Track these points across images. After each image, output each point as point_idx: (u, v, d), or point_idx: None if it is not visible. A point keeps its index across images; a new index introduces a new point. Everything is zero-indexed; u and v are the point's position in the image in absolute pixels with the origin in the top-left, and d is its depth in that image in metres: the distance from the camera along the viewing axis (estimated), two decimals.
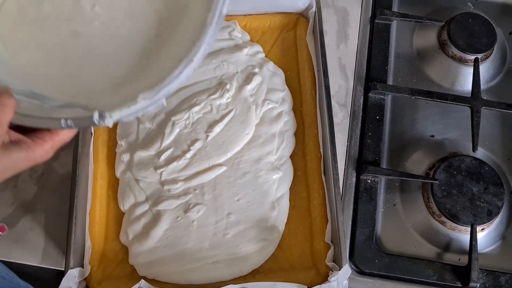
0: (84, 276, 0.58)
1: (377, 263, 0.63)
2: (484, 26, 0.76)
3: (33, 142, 0.42)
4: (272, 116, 0.66)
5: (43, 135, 0.42)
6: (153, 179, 0.62)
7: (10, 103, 0.40)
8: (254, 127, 0.65)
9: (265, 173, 0.62)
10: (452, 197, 0.65)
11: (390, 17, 0.77)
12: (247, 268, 0.58)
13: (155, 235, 0.59)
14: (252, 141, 0.64)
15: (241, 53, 0.68)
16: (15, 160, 0.41)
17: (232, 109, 0.65)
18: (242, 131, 0.64)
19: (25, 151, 0.41)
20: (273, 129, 0.65)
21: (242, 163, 0.63)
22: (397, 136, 0.72)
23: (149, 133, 0.65)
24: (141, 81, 0.46)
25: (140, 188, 0.62)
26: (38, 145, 0.42)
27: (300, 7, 0.71)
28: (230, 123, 0.64)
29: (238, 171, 0.62)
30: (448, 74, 0.76)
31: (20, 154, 0.41)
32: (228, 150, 0.63)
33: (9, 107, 0.40)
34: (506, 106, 0.71)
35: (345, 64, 0.74)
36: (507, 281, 0.62)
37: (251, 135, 0.64)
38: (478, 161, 0.67)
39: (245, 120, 0.65)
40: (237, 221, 0.60)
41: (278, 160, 0.63)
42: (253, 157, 0.63)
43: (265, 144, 0.64)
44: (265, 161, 0.63)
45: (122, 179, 0.63)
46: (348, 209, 0.66)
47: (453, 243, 0.66)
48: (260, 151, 0.63)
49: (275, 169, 0.63)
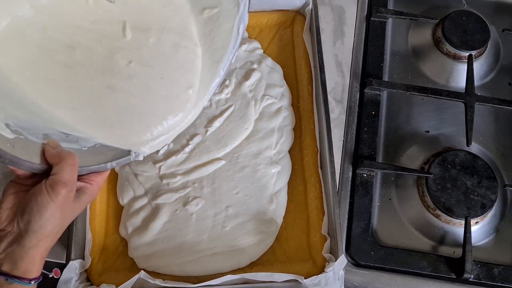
0: (85, 268, 0.59)
1: (373, 255, 0.64)
2: (478, 23, 0.77)
3: (90, 185, 0.50)
4: (271, 111, 0.66)
5: (95, 177, 0.50)
6: (152, 173, 0.63)
7: (76, 162, 0.47)
8: (253, 122, 0.65)
9: (264, 167, 0.63)
10: (447, 191, 0.66)
11: (386, 15, 0.78)
12: (245, 260, 0.59)
13: (154, 228, 0.60)
14: (251, 136, 0.65)
15: (240, 49, 0.69)
16: (83, 205, 0.49)
17: (231, 104, 0.66)
18: (241, 126, 0.65)
19: (88, 195, 0.50)
20: (272, 124, 0.66)
21: (241, 157, 0.64)
22: (392, 131, 0.73)
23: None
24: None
25: (138, 182, 0.63)
26: (94, 186, 0.50)
27: (297, 4, 0.73)
28: (229, 118, 0.65)
29: (237, 165, 0.63)
30: (443, 70, 0.77)
31: (86, 199, 0.49)
32: (227, 145, 0.64)
33: (76, 165, 0.47)
34: (499, 102, 0.72)
35: (341, 61, 0.76)
36: (500, 273, 0.63)
37: (250, 130, 0.65)
38: (472, 156, 0.68)
39: (244, 115, 0.66)
40: (236, 214, 0.61)
41: (277, 155, 0.64)
42: (252, 151, 0.64)
43: (264, 139, 0.65)
44: (264, 155, 0.64)
45: (120, 173, 0.64)
46: (345, 202, 0.67)
47: (447, 236, 0.67)
48: (259, 145, 0.64)
49: (273, 163, 0.63)
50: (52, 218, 0.45)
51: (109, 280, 0.58)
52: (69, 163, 0.46)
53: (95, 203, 0.62)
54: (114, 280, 0.57)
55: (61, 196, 0.45)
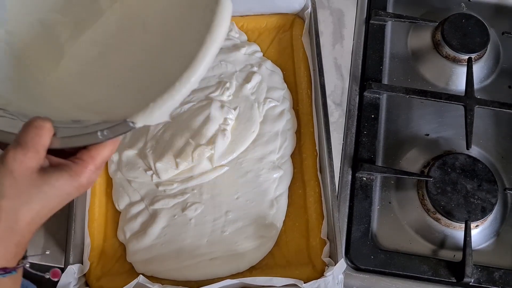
0: (84, 272, 0.58)
1: (372, 259, 0.63)
2: (478, 26, 0.77)
3: (74, 164, 0.39)
4: (274, 114, 0.66)
5: (81, 155, 0.39)
6: (144, 179, 0.62)
7: (46, 125, 0.38)
8: (259, 124, 0.65)
9: (266, 172, 0.62)
10: (447, 194, 0.66)
11: (385, 18, 0.78)
12: (245, 265, 0.59)
13: (152, 233, 0.59)
14: (257, 140, 0.64)
15: (239, 53, 0.69)
16: (59, 186, 0.38)
17: (236, 106, 0.65)
18: (248, 128, 0.64)
19: (67, 173, 0.38)
20: (276, 128, 0.65)
21: (245, 162, 0.63)
22: (392, 135, 0.73)
23: (136, 130, 0.64)
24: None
25: (133, 188, 0.62)
26: (80, 166, 0.39)
27: (296, 8, 0.73)
28: (237, 120, 0.64)
29: (241, 170, 0.62)
30: (442, 73, 0.77)
31: (62, 178, 0.38)
32: (235, 150, 0.63)
33: (45, 130, 0.37)
34: (499, 105, 0.72)
35: (340, 64, 0.75)
36: (501, 277, 0.63)
37: (257, 132, 0.64)
38: (472, 159, 0.68)
39: (250, 117, 0.65)
40: (236, 219, 0.60)
41: (280, 159, 0.64)
42: (257, 155, 0.63)
43: (269, 143, 0.64)
44: (268, 159, 0.63)
45: (114, 179, 0.63)
46: (344, 206, 0.67)
47: (448, 239, 0.66)
48: (263, 149, 0.63)
49: (276, 168, 0.63)
50: (3, 186, 0.37)
51: (107, 284, 0.58)
52: (34, 125, 0.37)
53: (93, 207, 0.62)
54: (113, 285, 0.57)
55: (10, 158, 0.37)
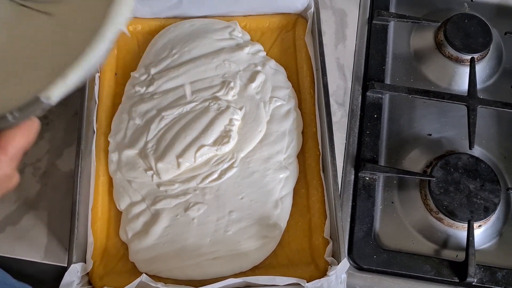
0: (87, 271, 0.58)
1: (375, 259, 0.63)
2: (480, 26, 0.77)
3: None
4: (281, 113, 0.65)
5: None
6: (145, 180, 0.62)
7: None
8: (265, 124, 0.64)
9: (273, 172, 0.62)
10: (449, 194, 0.66)
11: (388, 18, 0.78)
12: (248, 264, 0.59)
13: (155, 232, 0.59)
14: (264, 139, 0.64)
15: (243, 52, 0.69)
16: None
17: (242, 106, 0.65)
18: (255, 128, 0.64)
19: None
20: (283, 127, 0.64)
21: (252, 162, 0.62)
22: (395, 135, 0.73)
23: (136, 130, 0.64)
24: None
25: (133, 188, 0.61)
26: None
27: (298, 8, 0.73)
28: (243, 120, 0.64)
29: (247, 171, 0.62)
30: (445, 73, 0.77)
31: None
32: (242, 150, 0.62)
33: None
34: (502, 105, 0.72)
35: (343, 64, 0.76)
36: (504, 277, 0.63)
37: (264, 132, 0.64)
38: (475, 159, 0.68)
39: (256, 117, 0.64)
40: (239, 219, 0.60)
41: (287, 159, 0.63)
42: (264, 155, 0.63)
43: (276, 143, 0.63)
44: (275, 160, 0.62)
45: (114, 179, 0.63)
46: (347, 206, 0.67)
47: (450, 239, 0.66)
48: (270, 149, 0.63)
49: (282, 168, 0.62)
50: None
51: (110, 283, 0.58)
52: None
53: (96, 206, 0.62)
54: (116, 283, 0.57)
55: None
